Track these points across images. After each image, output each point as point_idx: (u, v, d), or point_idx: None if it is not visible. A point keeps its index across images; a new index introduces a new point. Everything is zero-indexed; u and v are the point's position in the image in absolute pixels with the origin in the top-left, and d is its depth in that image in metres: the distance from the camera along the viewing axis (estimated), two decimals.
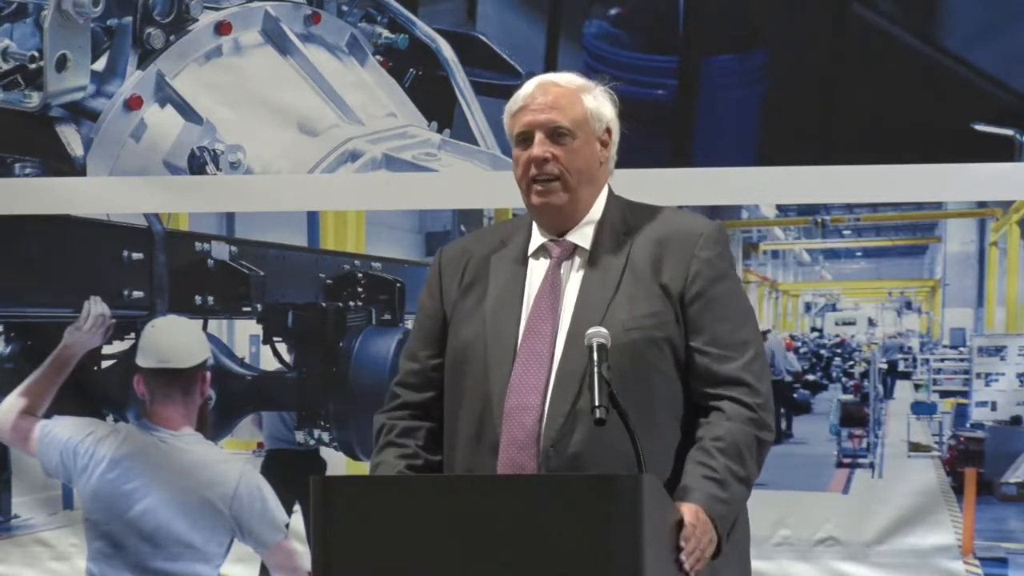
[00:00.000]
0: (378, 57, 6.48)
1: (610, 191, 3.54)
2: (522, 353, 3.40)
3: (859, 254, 6.78)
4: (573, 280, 3.46)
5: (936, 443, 6.37)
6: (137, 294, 6.38)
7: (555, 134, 3.44)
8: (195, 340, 6.31)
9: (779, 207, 6.60)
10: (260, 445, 6.55)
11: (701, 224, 3.49)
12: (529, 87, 3.50)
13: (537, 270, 3.49)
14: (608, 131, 3.50)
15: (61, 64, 6.20)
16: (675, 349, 3.40)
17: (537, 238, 3.51)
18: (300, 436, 6.39)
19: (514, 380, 3.38)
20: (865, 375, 6.59)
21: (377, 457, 3.53)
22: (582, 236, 3.49)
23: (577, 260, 3.48)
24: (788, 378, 6.62)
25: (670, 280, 3.41)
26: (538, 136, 3.44)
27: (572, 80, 3.51)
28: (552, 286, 3.45)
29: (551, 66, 6.26)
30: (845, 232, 6.70)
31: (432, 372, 3.54)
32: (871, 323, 6.69)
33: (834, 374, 6.66)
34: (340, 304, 6.42)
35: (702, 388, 3.41)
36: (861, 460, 6.40)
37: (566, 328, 3.40)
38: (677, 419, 3.40)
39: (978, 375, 6.36)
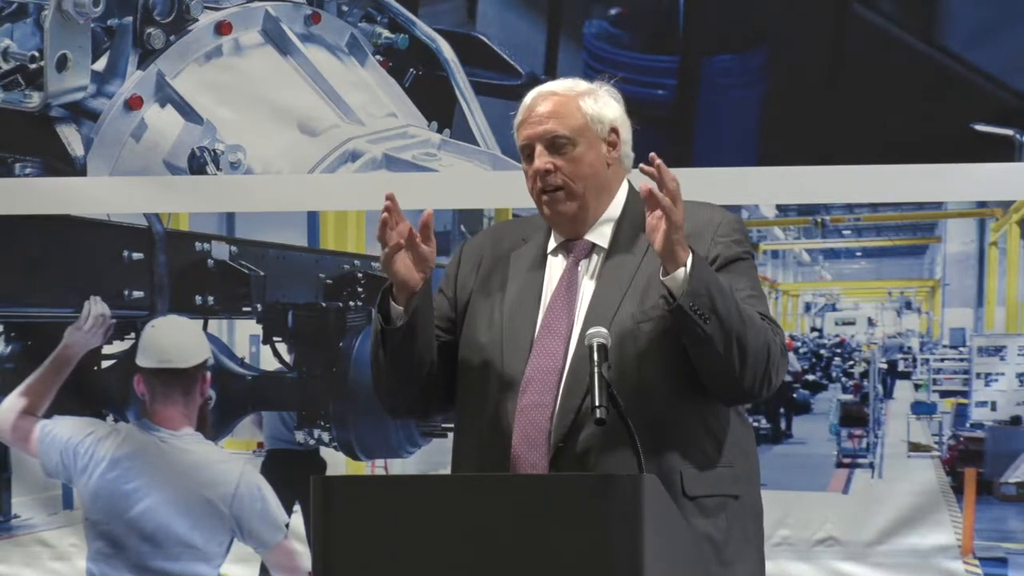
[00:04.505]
0: (378, 57, 6.47)
1: (631, 187, 3.54)
2: (537, 351, 3.41)
3: (859, 254, 6.77)
4: (590, 279, 3.47)
5: (936, 443, 6.36)
6: (137, 294, 6.38)
7: (554, 144, 3.44)
8: (195, 340, 6.31)
9: (779, 207, 6.59)
10: (260, 445, 6.54)
11: (720, 215, 3.51)
12: (528, 99, 3.50)
13: (556, 268, 3.50)
14: (615, 131, 3.49)
15: (61, 64, 6.20)
16: None
17: (556, 236, 3.53)
18: (300, 436, 6.39)
19: (528, 378, 3.40)
20: (865, 375, 6.58)
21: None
22: (600, 235, 3.50)
23: (595, 259, 3.49)
24: (788, 378, 6.61)
25: None
26: (538, 148, 3.45)
27: (571, 87, 3.49)
28: (569, 285, 3.46)
29: (551, 66, 6.26)
30: (845, 232, 6.69)
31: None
32: (871, 323, 6.68)
33: (834, 374, 6.65)
34: (340, 304, 6.42)
35: None
36: (861, 460, 6.39)
37: (580, 326, 3.40)
38: (687, 407, 3.39)
39: (978, 375, 6.36)
